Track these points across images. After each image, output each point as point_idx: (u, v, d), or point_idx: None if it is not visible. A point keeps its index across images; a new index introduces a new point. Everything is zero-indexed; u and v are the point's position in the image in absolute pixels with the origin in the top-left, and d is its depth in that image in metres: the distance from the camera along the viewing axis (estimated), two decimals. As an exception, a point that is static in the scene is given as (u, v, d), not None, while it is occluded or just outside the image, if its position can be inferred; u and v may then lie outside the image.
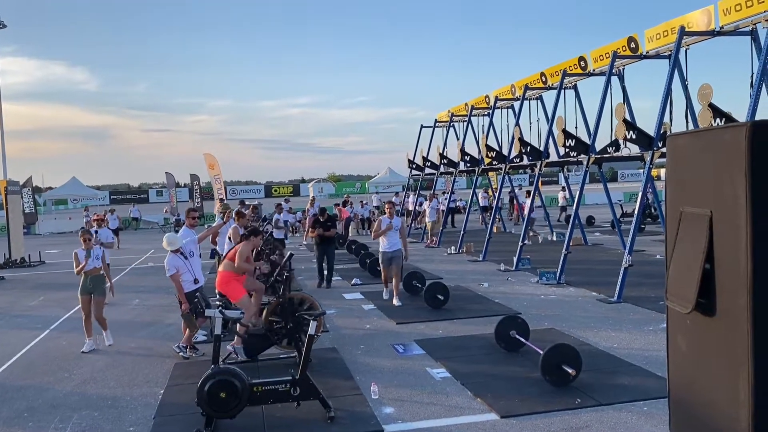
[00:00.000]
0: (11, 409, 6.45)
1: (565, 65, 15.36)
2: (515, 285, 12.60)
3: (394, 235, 10.87)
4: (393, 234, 10.86)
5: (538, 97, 18.72)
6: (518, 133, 15.95)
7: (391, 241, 10.87)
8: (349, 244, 18.68)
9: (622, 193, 39.21)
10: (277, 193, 67.09)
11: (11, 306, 12.54)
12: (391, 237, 10.86)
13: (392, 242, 10.87)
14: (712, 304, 2.93)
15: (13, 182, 23.13)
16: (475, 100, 21.06)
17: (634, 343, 7.97)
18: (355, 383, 6.78)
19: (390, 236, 10.85)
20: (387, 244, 10.89)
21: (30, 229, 31.56)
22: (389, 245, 10.87)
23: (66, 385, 7.17)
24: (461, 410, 5.94)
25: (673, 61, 11.09)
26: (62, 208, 55.88)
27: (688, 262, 3.06)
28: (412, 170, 26.33)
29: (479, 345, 8.12)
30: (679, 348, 3.26)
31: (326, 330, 9.03)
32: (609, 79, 12.80)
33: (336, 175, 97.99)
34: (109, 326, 8.97)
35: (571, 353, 6.39)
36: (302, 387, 5.71)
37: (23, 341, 9.32)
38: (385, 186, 48.36)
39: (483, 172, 20.18)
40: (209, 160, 32.31)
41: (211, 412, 5.50)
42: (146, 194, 71.47)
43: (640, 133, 11.19)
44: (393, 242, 10.87)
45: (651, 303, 10.10)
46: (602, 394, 6.10)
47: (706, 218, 2.93)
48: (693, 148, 3.16)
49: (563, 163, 16.05)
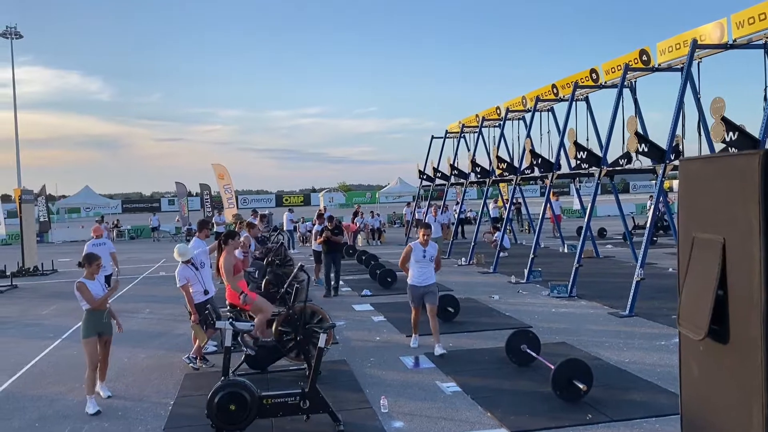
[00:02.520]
0: (23, 419, 6.48)
1: (576, 77, 15.34)
2: (526, 298, 12.54)
3: (428, 266, 8.53)
4: (427, 265, 8.51)
5: (550, 109, 18.70)
6: (529, 145, 15.93)
7: (422, 271, 8.48)
8: (359, 254, 18.67)
9: (634, 205, 39.00)
10: (288, 202, 67.37)
11: (23, 314, 12.63)
12: (424, 267, 8.50)
13: (424, 274, 8.47)
14: (725, 332, 2.90)
15: (27, 191, 23.34)
16: (486, 112, 21.07)
17: (646, 359, 7.90)
18: (364, 396, 6.76)
19: (422, 266, 8.50)
20: (417, 276, 8.49)
21: (43, 237, 31.84)
22: (421, 277, 8.46)
23: (77, 396, 7.20)
24: (471, 425, 5.90)
25: (686, 73, 11.06)
26: (75, 217, 56.37)
27: (700, 288, 3.04)
28: (422, 180, 26.35)
29: (490, 359, 8.08)
30: (692, 373, 3.23)
31: (336, 342, 9.01)
32: (621, 91, 12.77)
33: (346, 184, 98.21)
34: (119, 335, 8.92)
35: (582, 368, 6.35)
36: (312, 400, 5.71)
37: (35, 350, 9.37)
38: (396, 196, 48.35)
39: (494, 183, 20.15)
40: (218, 170, 32.49)
41: (220, 425, 5.51)
42: (158, 203, 71.94)
43: (652, 146, 11.15)
44: (425, 274, 8.47)
45: (663, 317, 10.02)
46: (614, 410, 6.05)
47: (719, 244, 2.91)
48: (706, 173, 3.14)
49: (575, 175, 16.00)
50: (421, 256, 8.43)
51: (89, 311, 6.76)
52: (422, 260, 8.43)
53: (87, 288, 6.74)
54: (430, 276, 8.53)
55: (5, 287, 16.41)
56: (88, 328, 6.74)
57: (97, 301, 6.73)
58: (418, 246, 8.48)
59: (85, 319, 6.78)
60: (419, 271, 8.46)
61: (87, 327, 6.75)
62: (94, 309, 6.74)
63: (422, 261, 8.43)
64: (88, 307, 6.74)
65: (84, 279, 6.81)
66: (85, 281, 6.78)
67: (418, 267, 8.46)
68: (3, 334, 10.80)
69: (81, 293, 6.71)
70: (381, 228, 27.82)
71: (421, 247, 8.46)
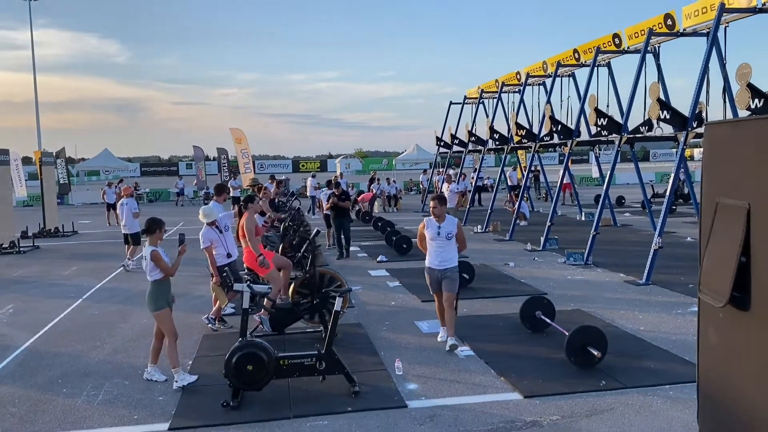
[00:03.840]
0: (46, 376, 6.65)
1: (598, 42, 15.03)
2: (542, 265, 12.52)
3: (446, 245, 7.19)
4: (444, 244, 7.18)
5: (571, 75, 18.38)
6: (549, 111, 15.73)
7: (439, 252, 7.19)
8: (375, 221, 18.71)
9: (654, 173, 38.55)
10: (305, 168, 67.32)
11: (46, 274, 12.86)
12: (441, 247, 7.19)
13: (441, 254, 7.18)
14: (747, 298, 2.87)
15: (48, 153, 23.57)
16: (506, 77, 20.77)
17: (661, 327, 7.89)
18: (379, 359, 6.83)
19: (439, 245, 7.20)
20: (434, 257, 7.22)
21: (63, 199, 32.22)
22: (437, 258, 7.19)
23: (98, 354, 7.36)
24: (485, 389, 5.96)
25: (712, 39, 10.78)
26: (95, 179, 56.89)
27: (723, 254, 3.00)
28: (439, 147, 26.17)
29: (504, 325, 8.11)
30: (710, 341, 3.21)
31: (352, 306, 9.09)
32: (644, 56, 12.50)
33: (363, 151, 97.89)
34: (136, 296, 9.03)
35: (597, 335, 6.35)
36: (327, 361, 5.78)
37: (57, 309, 9.56)
38: (413, 163, 48.11)
39: (512, 150, 19.97)
40: (236, 135, 32.43)
41: (238, 384, 5.61)
42: (176, 167, 72.29)
43: (675, 113, 10.94)
44: (443, 255, 7.18)
45: (680, 286, 9.96)
46: (628, 377, 6.06)
47: (744, 210, 2.86)
48: (732, 137, 3.07)
49: (594, 142, 15.80)
50: (435, 232, 7.17)
51: (159, 282, 6.19)
52: (437, 238, 7.17)
53: (162, 257, 6.15)
54: (450, 258, 7.19)
55: (27, 248, 16.69)
56: (159, 300, 6.18)
57: (171, 269, 6.22)
58: (432, 222, 7.24)
59: (154, 291, 6.18)
60: (436, 252, 7.20)
61: (158, 298, 6.18)
62: (164, 279, 6.21)
63: (438, 239, 7.17)
64: (158, 277, 6.17)
65: (157, 247, 6.18)
66: (159, 250, 6.18)
67: (434, 246, 7.21)
68: (26, 293, 11.02)
69: (156, 263, 6.10)
70: (397, 195, 27.78)
71: (435, 222, 7.20)
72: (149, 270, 6.16)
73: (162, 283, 6.21)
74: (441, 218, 7.19)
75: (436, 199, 7.28)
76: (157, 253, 6.13)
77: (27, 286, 11.70)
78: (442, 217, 7.19)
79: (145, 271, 6.21)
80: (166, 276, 6.21)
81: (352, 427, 5.18)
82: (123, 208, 13.16)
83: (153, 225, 6.29)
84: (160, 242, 6.30)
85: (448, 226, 7.18)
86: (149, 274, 6.18)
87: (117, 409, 5.70)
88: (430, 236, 7.22)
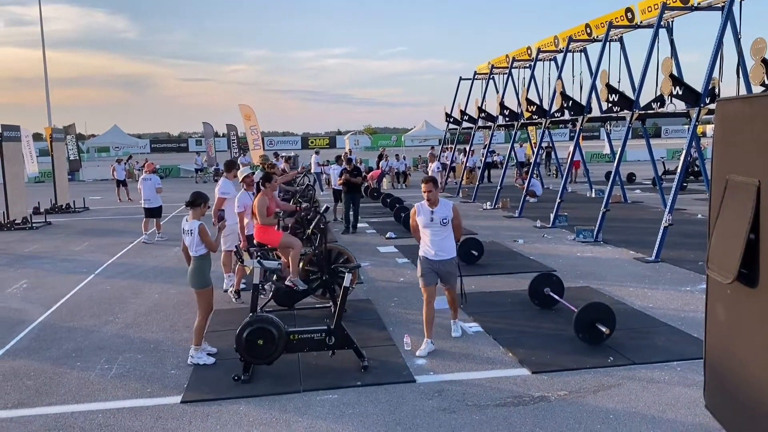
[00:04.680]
0: (60, 349, 6.76)
1: (611, 17, 14.82)
2: (551, 242, 12.51)
3: (442, 233, 6.35)
4: (440, 231, 6.34)
5: (582, 50, 18.17)
6: (560, 87, 15.58)
7: (435, 240, 6.36)
8: (384, 197, 18.71)
9: (665, 150, 38.23)
10: (314, 144, 67.23)
11: (57, 250, 12.99)
12: (435, 234, 6.35)
13: (438, 243, 6.35)
14: (755, 275, 2.87)
15: (58, 129, 23.64)
16: (517, 52, 20.54)
17: (670, 304, 7.90)
18: (388, 334, 6.90)
19: (434, 233, 6.35)
20: (429, 246, 6.39)
21: (74, 175, 32.41)
22: (434, 247, 6.36)
23: (111, 328, 7.46)
24: (493, 364, 6.01)
25: (726, 12, 10.61)
26: (104, 156, 57.09)
27: (732, 231, 2.99)
28: (449, 124, 26.02)
29: (512, 301, 8.14)
30: (718, 317, 3.22)
31: (361, 282, 9.15)
32: (657, 31, 12.34)
33: (372, 127, 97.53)
34: (151, 272, 9.13)
35: (605, 312, 6.37)
36: (337, 336, 5.84)
37: (70, 284, 9.68)
38: (422, 139, 47.95)
39: (522, 126, 19.83)
40: (245, 111, 32.35)
41: (248, 359, 5.68)
42: (186, 143, 72.35)
43: (687, 88, 10.83)
44: (440, 243, 6.36)
45: (690, 263, 9.94)
46: (635, 354, 6.09)
47: (754, 187, 2.84)
48: (744, 114, 3.04)
49: (606, 118, 15.67)
50: (429, 218, 6.33)
51: (203, 257, 6.08)
52: (431, 225, 6.34)
53: (208, 232, 6.06)
54: (448, 247, 6.40)
55: (40, 224, 16.84)
56: (206, 276, 6.09)
57: (215, 245, 6.16)
58: (424, 207, 6.36)
59: (201, 267, 6.07)
60: (432, 240, 6.35)
61: (205, 274, 6.09)
62: (207, 254, 6.12)
63: (432, 226, 6.34)
64: (203, 252, 6.08)
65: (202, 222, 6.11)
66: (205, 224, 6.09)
67: (429, 234, 6.37)
68: (39, 268, 11.15)
69: (203, 237, 6.01)
70: (406, 171, 27.73)
71: (427, 208, 6.34)
72: (195, 245, 6.05)
73: (206, 258, 6.12)
74: (434, 203, 6.34)
75: (429, 182, 6.32)
76: (205, 227, 6.06)
77: (40, 261, 11.83)
78: (435, 202, 6.35)
79: (189, 246, 6.11)
80: (211, 250, 6.14)
81: (361, 400, 5.25)
82: (146, 183, 13.59)
83: (198, 198, 6.18)
84: (201, 217, 6.21)
85: (443, 211, 6.32)
86: (194, 249, 6.07)
87: (130, 382, 5.80)
88: (423, 223, 6.36)
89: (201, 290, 6.10)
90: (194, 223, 6.09)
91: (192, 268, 6.12)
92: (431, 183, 6.32)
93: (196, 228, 6.03)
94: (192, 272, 6.11)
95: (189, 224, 6.12)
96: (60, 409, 5.25)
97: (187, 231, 6.13)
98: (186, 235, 6.16)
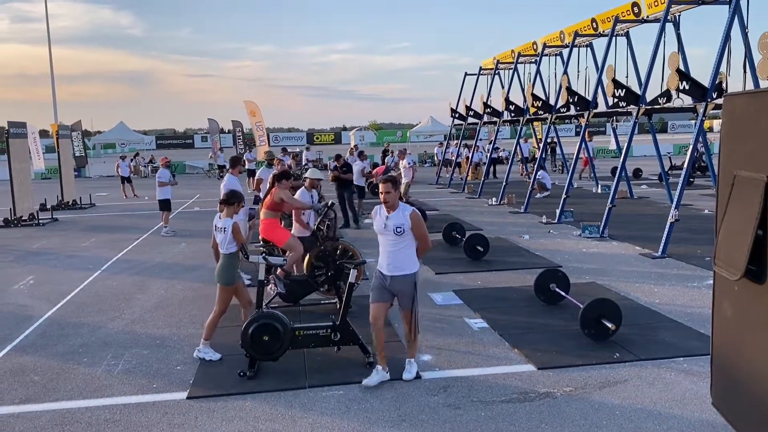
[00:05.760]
0: (66, 345, 6.79)
1: (617, 11, 14.75)
2: (557, 238, 12.48)
3: (397, 244, 5.31)
4: (394, 241, 5.31)
5: (588, 45, 18.09)
6: (566, 82, 15.51)
7: (388, 252, 5.36)
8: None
9: (672, 145, 38.05)
10: (319, 140, 67.26)
11: (64, 246, 13.05)
12: (390, 245, 5.34)
13: (392, 255, 5.34)
14: (762, 272, 2.85)
15: (64, 126, 23.72)
16: (522, 47, 20.48)
17: (677, 300, 7.87)
18: (393, 330, 6.89)
19: (387, 243, 5.36)
20: (382, 259, 5.42)
21: (80, 172, 32.51)
22: (386, 260, 5.37)
23: (117, 324, 7.49)
24: (498, 360, 6.00)
25: (734, 6, 10.54)
26: (111, 152, 57.24)
27: (739, 227, 2.97)
28: (454, 119, 25.97)
29: (518, 297, 8.13)
30: (725, 314, 3.20)
31: (366, 278, 9.14)
32: (663, 26, 12.26)
33: (377, 123, 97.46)
34: (157, 268, 9.17)
35: (611, 308, 6.35)
36: (342, 332, 5.84)
37: (76, 281, 9.72)
38: (427, 135, 47.90)
39: (528, 122, 19.78)
40: (250, 107, 32.37)
41: (254, 355, 5.70)
42: (191, 140, 72.48)
43: (694, 83, 10.76)
44: (394, 256, 5.33)
45: (697, 259, 9.91)
46: (642, 350, 6.07)
47: (762, 183, 2.82)
48: (751, 109, 3.02)
49: (612, 113, 15.60)
50: (382, 225, 5.32)
51: (233, 255, 6.13)
52: (384, 232, 5.32)
53: (240, 230, 6.12)
54: (404, 261, 5.32)
55: (46, 220, 16.91)
56: (234, 274, 6.12)
57: (246, 243, 6.24)
58: (381, 211, 5.40)
59: (230, 264, 6.10)
60: (386, 250, 5.37)
61: (233, 271, 6.12)
62: (236, 252, 6.15)
63: (385, 233, 5.32)
64: (234, 249, 6.12)
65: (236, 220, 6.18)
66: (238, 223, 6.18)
67: (383, 243, 5.40)
68: (46, 264, 11.20)
69: (236, 235, 6.06)
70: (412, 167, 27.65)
71: (384, 212, 5.35)
72: (227, 242, 6.08)
73: (234, 256, 6.15)
74: (392, 207, 5.32)
75: (387, 182, 5.34)
76: (239, 225, 6.12)
77: (46, 257, 11.88)
78: (393, 206, 5.32)
79: (220, 243, 6.13)
80: (238, 250, 6.17)
81: (366, 396, 5.25)
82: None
83: (233, 197, 6.22)
84: (235, 215, 6.23)
85: (398, 218, 5.27)
86: (225, 246, 6.09)
87: (136, 378, 5.82)
88: (377, 229, 5.40)
89: (226, 287, 6.14)
90: (228, 221, 6.14)
91: (221, 264, 6.16)
92: (389, 183, 5.32)
93: (230, 226, 6.09)
94: (221, 268, 6.15)
95: (222, 222, 6.18)
96: (67, 405, 5.28)
97: (220, 228, 6.17)
98: (218, 233, 6.20)
